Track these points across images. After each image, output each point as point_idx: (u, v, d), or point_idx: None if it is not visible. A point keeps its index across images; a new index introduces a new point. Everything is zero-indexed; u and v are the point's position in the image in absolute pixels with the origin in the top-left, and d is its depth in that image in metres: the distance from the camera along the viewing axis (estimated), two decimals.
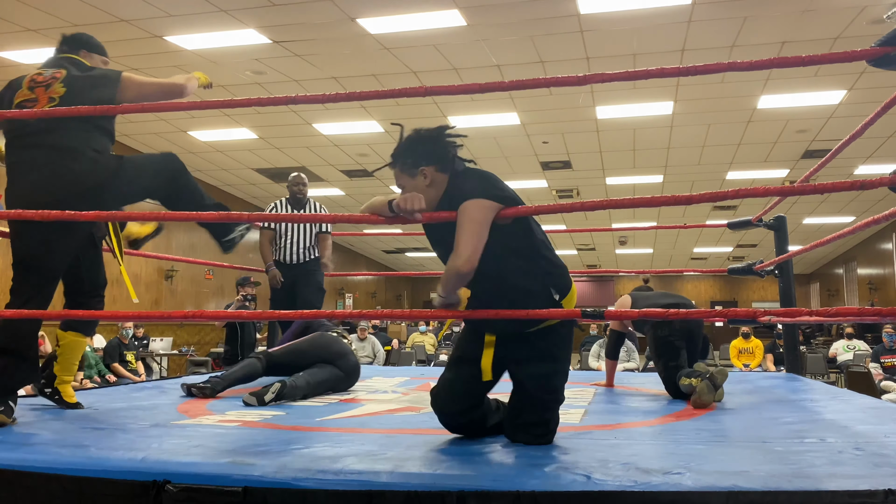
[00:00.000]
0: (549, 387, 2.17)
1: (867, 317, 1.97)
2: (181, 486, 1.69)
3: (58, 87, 2.61)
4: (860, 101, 8.20)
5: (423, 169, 2.13)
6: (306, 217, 5.15)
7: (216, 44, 7.19)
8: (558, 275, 2.19)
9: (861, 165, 10.87)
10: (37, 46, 7.28)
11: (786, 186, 2.00)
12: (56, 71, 2.68)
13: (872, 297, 16.45)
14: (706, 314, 2.19)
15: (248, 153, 11.23)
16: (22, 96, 2.62)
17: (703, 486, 1.58)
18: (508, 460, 1.93)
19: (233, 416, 2.75)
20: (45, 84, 2.62)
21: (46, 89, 2.61)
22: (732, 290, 24.56)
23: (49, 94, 2.60)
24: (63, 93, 2.60)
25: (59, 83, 2.63)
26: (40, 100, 2.59)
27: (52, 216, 2.31)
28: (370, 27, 6.76)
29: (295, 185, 5.00)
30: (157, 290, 12.03)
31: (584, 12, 6.37)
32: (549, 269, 2.17)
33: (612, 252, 20.60)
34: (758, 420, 2.68)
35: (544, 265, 2.17)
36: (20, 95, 2.63)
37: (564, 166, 11.46)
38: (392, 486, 1.65)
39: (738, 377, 4.63)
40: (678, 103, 8.56)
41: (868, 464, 1.81)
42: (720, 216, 14.58)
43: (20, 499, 1.81)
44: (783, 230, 4.71)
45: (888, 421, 2.56)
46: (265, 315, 2.83)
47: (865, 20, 6.34)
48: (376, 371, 5.21)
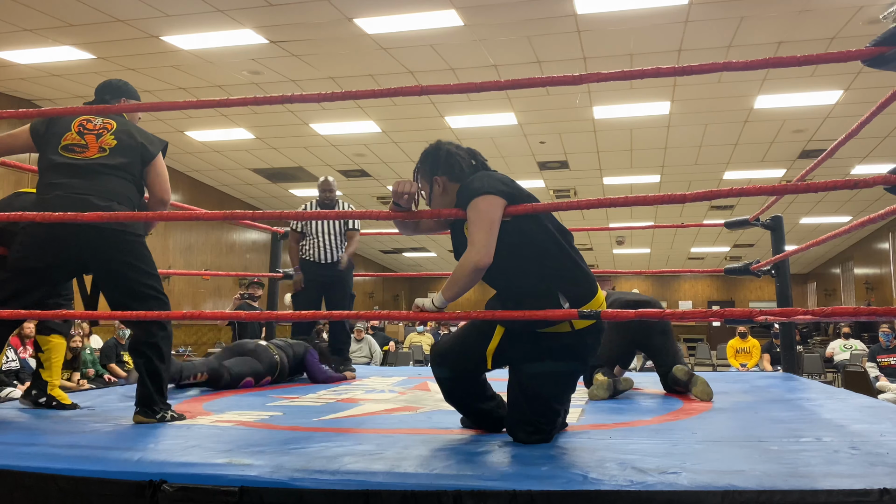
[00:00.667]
0: (543, 391, 2.18)
1: (863, 316, 1.98)
2: (177, 486, 1.69)
3: (109, 137, 2.65)
4: (857, 101, 8.22)
5: (436, 178, 2.33)
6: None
7: (213, 44, 7.19)
8: (572, 282, 2.19)
9: (858, 165, 10.89)
10: (35, 46, 7.27)
11: (779, 185, 2.01)
12: (106, 122, 2.70)
13: (869, 297, 16.48)
14: (703, 314, 2.19)
15: (245, 153, 11.23)
16: (71, 139, 2.63)
17: (698, 486, 1.59)
18: (505, 460, 1.93)
19: (229, 416, 2.75)
20: (96, 133, 2.65)
21: (98, 139, 2.64)
22: (729, 289, 24.59)
23: (100, 143, 2.63)
24: (114, 145, 2.64)
25: (111, 135, 2.66)
26: (90, 147, 2.62)
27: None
28: (367, 27, 6.76)
29: (324, 191, 5.05)
30: None
31: (581, 12, 6.38)
32: (559, 273, 2.18)
33: (609, 252, 20.60)
34: (754, 419, 2.69)
35: (551, 268, 2.18)
36: (68, 138, 2.63)
37: (561, 166, 11.47)
38: (389, 486, 1.65)
39: (735, 377, 4.64)
40: (675, 103, 8.57)
41: (864, 463, 1.82)
42: (717, 216, 14.60)
43: (17, 499, 1.81)
44: (780, 230, 4.71)
45: (884, 420, 2.57)
46: (263, 316, 2.82)
47: (862, 20, 6.36)
48: (374, 371, 5.21)
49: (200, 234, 13.35)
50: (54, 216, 2.33)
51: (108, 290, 2.62)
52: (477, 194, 2.13)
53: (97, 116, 2.71)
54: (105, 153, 2.61)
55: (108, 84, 2.89)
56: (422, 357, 11.67)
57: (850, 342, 10.56)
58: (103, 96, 2.84)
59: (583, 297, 2.18)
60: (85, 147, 2.62)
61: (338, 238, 5.02)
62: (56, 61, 7.64)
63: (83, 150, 2.61)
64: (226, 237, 14.25)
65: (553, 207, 2.27)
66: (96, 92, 2.87)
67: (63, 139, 2.63)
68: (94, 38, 7.05)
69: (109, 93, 2.85)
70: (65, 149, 2.61)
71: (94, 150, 2.61)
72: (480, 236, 2.09)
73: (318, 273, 4.96)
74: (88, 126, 2.67)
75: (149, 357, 2.56)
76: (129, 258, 2.57)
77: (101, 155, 2.61)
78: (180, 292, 12.69)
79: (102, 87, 2.87)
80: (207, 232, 13.52)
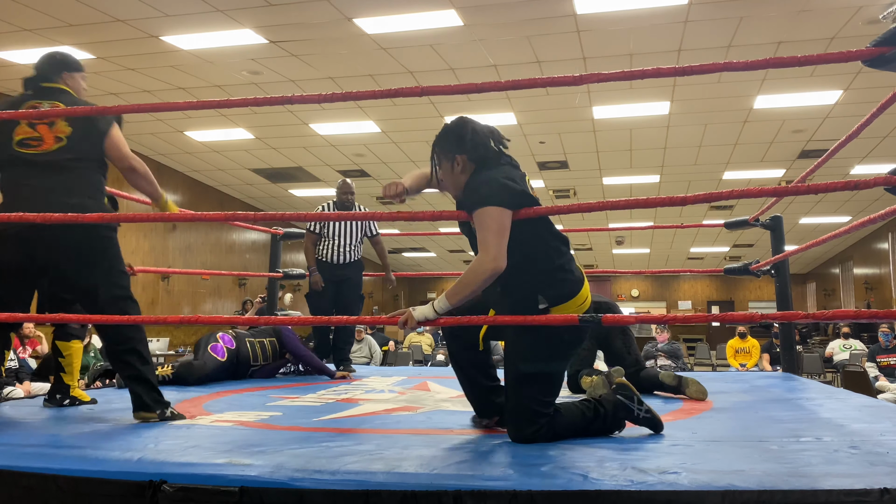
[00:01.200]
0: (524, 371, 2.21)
1: (864, 319, 1.98)
2: (177, 486, 1.69)
3: (62, 125, 2.52)
4: (856, 101, 8.22)
5: (457, 157, 2.32)
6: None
7: (212, 44, 7.18)
8: (550, 284, 2.24)
9: (857, 165, 10.89)
10: (33, 46, 7.26)
11: (779, 187, 2.01)
12: (53, 104, 2.56)
13: (868, 297, 16.49)
14: (702, 318, 2.19)
15: (244, 153, 11.22)
16: (23, 133, 2.51)
17: (699, 486, 1.59)
18: (505, 460, 1.93)
19: (229, 416, 2.75)
20: (48, 122, 2.51)
21: (51, 127, 2.51)
22: (729, 289, 24.60)
23: (55, 133, 2.51)
24: (69, 132, 2.52)
25: (63, 122, 2.52)
26: (45, 140, 2.50)
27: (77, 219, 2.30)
28: (367, 27, 6.76)
29: (343, 194, 5.09)
30: (154, 291, 12.02)
31: (581, 12, 6.38)
32: (539, 278, 2.24)
33: (608, 252, 20.60)
34: (754, 419, 2.69)
35: (533, 273, 2.24)
36: (20, 132, 2.51)
37: (561, 166, 11.47)
38: (388, 486, 1.65)
39: (735, 376, 4.64)
40: (675, 103, 8.57)
41: (864, 462, 1.82)
42: (717, 216, 14.60)
43: (17, 499, 1.81)
44: (780, 230, 4.72)
45: (884, 420, 2.57)
46: (262, 321, 2.82)
47: (861, 20, 6.36)
48: (373, 371, 5.21)
49: (200, 235, 13.35)
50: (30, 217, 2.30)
51: (79, 290, 2.57)
52: (487, 203, 2.15)
53: (42, 101, 2.57)
54: (62, 142, 2.50)
55: (49, 58, 2.73)
56: (421, 357, 11.66)
57: (849, 342, 10.56)
58: (45, 72, 2.69)
59: (561, 296, 2.25)
60: (40, 140, 2.50)
61: (353, 240, 5.06)
62: None
63: (39, 143, 2.50)
64: (225, 237, 14.24)
65: (554, 211, 2.27)
66: (35, 68, 2.71)
67: (15, 133, 2.52)
68: (93, 37, 7.05)
69: (50, 67, 2.70)
70: (20, 144, 2.50)
71: (50, 142, 2.50)
72: (495, 242, 2.11)
73: (331, 273, 4.99)
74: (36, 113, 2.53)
75: (129, 363, 2.54)
76: (100, 258, 2.52)
77: (59, 146, 2.50)
78: (180, 292, 12.68)
79: (42, 63, 2.71)
80: (207, 232, 13.51)
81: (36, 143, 2.51)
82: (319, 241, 5.07)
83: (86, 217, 2.34)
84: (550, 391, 2.25)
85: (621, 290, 25.64)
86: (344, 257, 5.00)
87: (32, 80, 2.69)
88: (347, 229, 5.05)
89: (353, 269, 5.04)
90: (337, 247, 5.01)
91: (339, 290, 5.05)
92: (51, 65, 2.72)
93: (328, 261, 5.01)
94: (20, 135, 2.52)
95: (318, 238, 5.07)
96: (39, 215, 2.33)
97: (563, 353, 2.28)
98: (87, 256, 2.51)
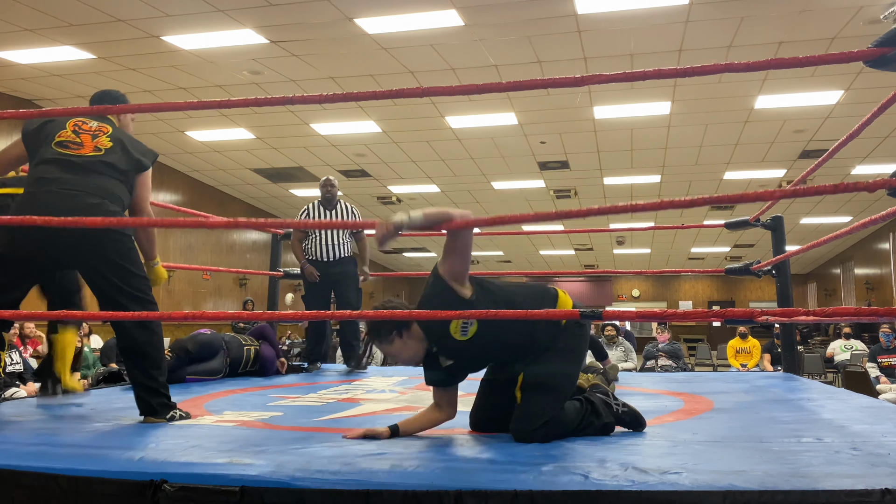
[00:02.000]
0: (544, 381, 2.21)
1: (865, 317, 1.97)
2: (178, 486, 1.69)
3: (105, 139, 2.65)
4: (857, 101, 8.22)
5: (393, 336, 2.24)
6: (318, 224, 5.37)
7: (213, 44, 7.19)
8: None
9: (858, 165, 10.89)
10: (35, 46, 7.27)
11: (777, 190, 2.00)
12: (102, 125, 2.71)
13: (869, 297, 16.48)
14: (704, 315, 2.19)
15: (245, 153, 11.23)
16: (65, 136, 2.61)
17: (700, 486, 1.59)
18: (506, 459, 1.92)
19: (230, 416, 2.75)
20: (91, 133, 2.65)
21: (93, 139, 2.63)
22: (730, 290, 24.59)
23: (96, 143, 2.62)
24: (109, 147, 2.64)
25: (106, 137, 2.66)
26: (86, 145, 2.61)
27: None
28: (368, 27, 6.76)
29: (324, 187, 5.13)
30: (155, 291, 12.01)
31: (582, 12, 6.38)
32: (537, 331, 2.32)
33: (609, 252, 20.60)
34: (755, 420, 2.69)
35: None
36: (63, 135, 2.61)
37: (562, 166, 11.47)
38: (389, 486, 1.65)
39: (736, 377, 4.64)
40: (675, 103, 8.57)
41: (865, 463, 1.82)
42: (718, 216, 14.60)
43: (18, 498, 1.81)
44: (780, 230, 4.71)
45: (885, 420, 2.57)
46: (264, 316, 2.82)
47: (862, 20, 6.35)
48: (374, 371, 5.21)
49: (200, 234, 13.35)
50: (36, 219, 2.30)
51: (93, 289, 2.60)
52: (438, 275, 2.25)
53: (92, 119, 2.70)
54: (100, 153, 2.60)
55: (106, 94, 2.89)
56: None
57: (850, 342, 10.56)
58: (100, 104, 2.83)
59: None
60: (80, 145, 2.60)
61: (339, 236, 5.04)
62: (57, 61, 7.64)
63: (78, 147, 2.59)
64: (226, 237, 14.25)
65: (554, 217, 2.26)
66: (92, 101, 2.86)
67: (57, 136, 2.61)
68: (94, 37, 7.05)
69: (106, 102, 2.84)
70: (59, 144, 2.59)
71: (89, 148, 2.60)
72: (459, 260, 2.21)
73: (324, 272, 4.99)
74: (84, 127, 2.66)
75: (135, 363, 2.56)
76: (115, 257, 2.54)
77: (96, 154, 2.59)
78: (181, 292, 12.69)
79: (100, 96, 2.87)
80: (207, 232, 13.51)
81: (74, 147, 2.59)
82: (306, 238, 5.08)
83: (88, 221, 2.33)
84: (562, 399, 2.25)
85: (622, 290, 25.62)
86: (332, 254, 4.99)
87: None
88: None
89: (343, 265, 5.02)
90: (323, 243, 4.99)
91: (336, 289, 5.04)
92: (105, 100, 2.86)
93: (318, 259, 5.00)
94: (61, 137, 2.61)
95: (305, 235, 5.09)
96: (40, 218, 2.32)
97: (579, 361, 2.30)
98: (101, 254, 2.53)
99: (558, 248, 19.83)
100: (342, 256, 5.03)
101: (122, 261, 2.56)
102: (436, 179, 12.39)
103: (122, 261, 2.56)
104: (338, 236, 5.02)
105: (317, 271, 4.97)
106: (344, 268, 5.02)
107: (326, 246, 4.99)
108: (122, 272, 2.56)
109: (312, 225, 5.33)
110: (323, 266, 4.99)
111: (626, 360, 9.27)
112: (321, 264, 4.99)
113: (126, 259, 2.58)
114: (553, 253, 20.82)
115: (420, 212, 2.16)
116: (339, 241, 5.02)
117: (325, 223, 5.34)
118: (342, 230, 5.05)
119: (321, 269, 4.99)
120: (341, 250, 5.03)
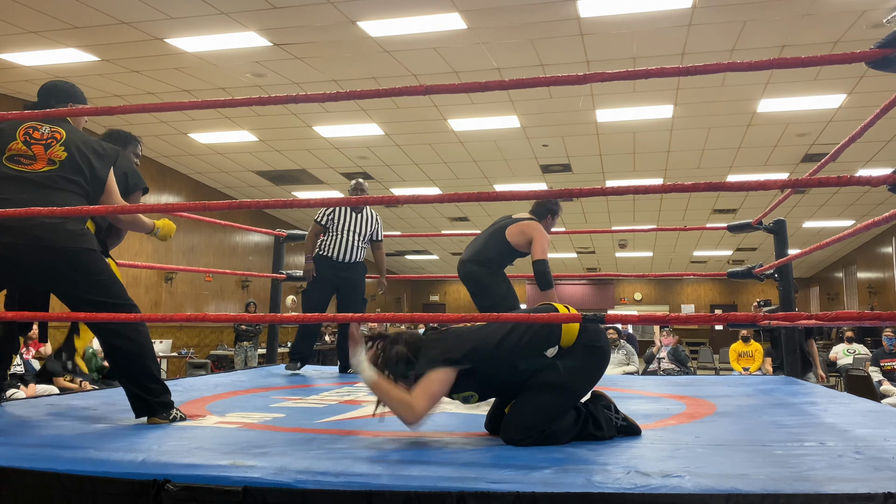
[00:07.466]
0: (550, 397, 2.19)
1: (867, 321, 1.97)
2: (181, 486, 1.69)
3: (58, 149, 2.49)
4: (860, 104, 8.22)
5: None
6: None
7: (217, 46, 7.21)
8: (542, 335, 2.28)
9: (861, 169, 10.87)
10: (39, 48, 7.30)
11: (780, 180, 2.00)
12: (54, 130, 2.54)
13: (872, 301, 16.45)
14: (706, 318, 2.19)
15: (248, 155, 11.24)
16: (16, 149, 2.46)
17: (702, 489, 1.59)
18: (508, 462, 1.92)
19: (232, 417, 2.75)
20: (44, 143, 2.47)
21: (46, 149, 2.47)
22: (732, 293, 24.57)
23: (49, 155, 2.47)
24: (64, 158, 2.48)
25: (60, 145, 2.50)
26: (39, 159, 2.46)
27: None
28: (370, 30, 6.78)
29: (355, 191, 5.10)
30: (157, 293, 12.04)
31: (585, 16, 6.38)
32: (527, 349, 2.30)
33: (611, 255, 20.58)
34: (757, 423, 2.68)
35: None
36: (13, 148, 2.46)
37: (564, 169, 11.47)
38: (392, 487, 1.65)
39: (738, 380, 4.63)
40: (678, 107, 8.57)
41: (868, 467, 1.81)
42: (720, 219, 14.59)
43: (21, 498, 1.81)
44: (783, 233, 4.71)
45: (888, 424, 2.56)
46: (266, 318, 2.82)
47: (865, 24, 6.35)
48: None
49: (203, 236, 13.37)
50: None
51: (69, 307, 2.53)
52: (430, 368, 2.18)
53: (43, 124, 2.53)
54: (55, 166, 2.46)
55: (53, 86, 2.71)
56: None
57: (853, 346, 10.54)
58: (48, 100, 2.66)
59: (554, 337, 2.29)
60: (33, 159, 2.45)
61: (360, 240, 5.02)
62: (60, 63, 7.66)
63: (31, 161, 2.45)
64: (228, 239, 14.26)
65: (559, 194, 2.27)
66: (39, 95, 2.68)
67: (8, 149, 2.46)
68: (98, 40, 7.08)
69: (55, 96, 2.67)
70: (10, 159, 2.44)
71: (42, 162, 2.45)
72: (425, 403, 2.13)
73: (332, 271, 4.95)
74: (35, 135, 2.50)
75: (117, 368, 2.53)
76: (80, 275, 2.45)
77: (50, 168, 2.45)
78: (183, 294, 12.71)
79: (47, 90, 2.69)
80: (210, 234, 13.54)
81: (27, 162, 2.46)
82: (325, 233, 5.03)
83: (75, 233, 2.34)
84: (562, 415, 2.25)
85: (624, 294, 25.60)
86: (347, 255, 4.96)
87: (35, 105, 2.67)
88: (355, 227, 5.02)
89: (354, 271, 5.00)
90: (342, 242, 4.96)
91: (339, 291, 5.01)
92: (55, 94, 2.70)
93: (330, 256, 4.96)
94: (12, 150, 2.47)
95: (324, 231, 5.04)
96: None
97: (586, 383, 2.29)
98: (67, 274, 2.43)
99: (560, 251, 19.82)
100: (355, 261, 5.01)
101: (88, 275, 2.46)
102: (438, 182, 12.40)
103: (88, 275, 2.46)
104: (357, 239, 5.02)
105: (319, 273, 4.94)
106: (354, 273, 5.00)
107: (343, 246, 4.97)
108: (88, 288, 2.46)
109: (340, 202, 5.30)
110: (334, 265, 4.95)
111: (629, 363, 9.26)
112: (333, 263, 4.96)
113: (91, 272, 2.47)
114: (555, 256, 20.81)
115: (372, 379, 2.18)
116: (356, 244, 5.00)
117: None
118: (361, 236, 5.03)
119: (331, 268, 4.95)
120: (356, 254, 5.01)
